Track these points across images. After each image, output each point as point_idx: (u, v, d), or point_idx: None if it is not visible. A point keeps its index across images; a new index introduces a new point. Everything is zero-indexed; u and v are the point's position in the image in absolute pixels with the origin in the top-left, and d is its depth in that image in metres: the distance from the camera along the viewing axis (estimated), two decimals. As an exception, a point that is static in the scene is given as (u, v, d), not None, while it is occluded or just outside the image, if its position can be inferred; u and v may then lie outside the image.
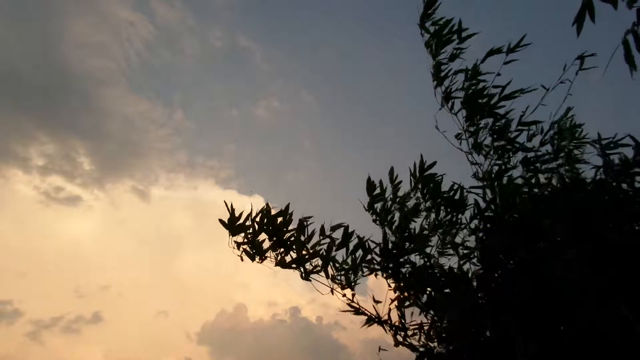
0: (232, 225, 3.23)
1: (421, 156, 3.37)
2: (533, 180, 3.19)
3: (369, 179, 3.49)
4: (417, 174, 3.30)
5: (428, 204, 3.31)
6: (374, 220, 3.43)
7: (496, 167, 3.36)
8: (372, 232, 3.47)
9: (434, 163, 3.31)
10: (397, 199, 3.36)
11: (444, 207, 3.24)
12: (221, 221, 3.24)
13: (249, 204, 3.28)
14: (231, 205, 3.31)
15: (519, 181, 3.26)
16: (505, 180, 3.28)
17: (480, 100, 3.33)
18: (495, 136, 3.41)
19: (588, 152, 3.54)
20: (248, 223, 3.31)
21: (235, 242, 3.33)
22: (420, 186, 3.31)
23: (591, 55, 3.22)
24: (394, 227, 3.31)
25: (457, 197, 3.20)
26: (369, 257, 3.38)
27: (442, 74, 3.47)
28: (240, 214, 3.30)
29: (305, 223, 3.44)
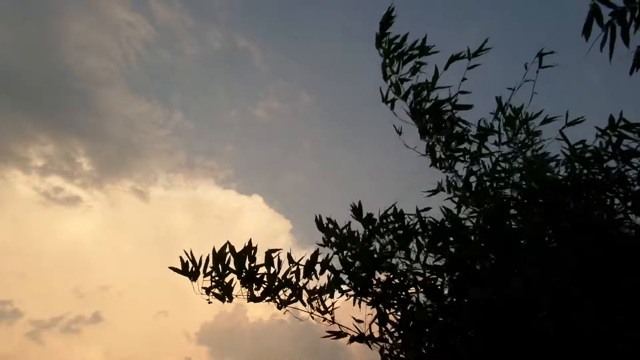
0: (190, 272, 3.16)
1: (359, 204, 3.41)
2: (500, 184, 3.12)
3: (316, 218, 3.44)
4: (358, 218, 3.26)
5: (390, 236, 3.25)
6: (335, 253, 3.37)
7: (457, 177, 3.29)
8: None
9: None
10: (351, 242, 3.31)
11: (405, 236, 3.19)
12: (175, 269, 3.17)
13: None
14: (191, 252, 3.23)
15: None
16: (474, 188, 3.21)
17: (441, 108, 3.23)
18: (454, 145, 3.31)
19: (548, 139, 3.45)
20: (211, 265, 3.25)
21: (203, 288, 3.26)
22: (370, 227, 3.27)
23: (550, 53, 3.16)
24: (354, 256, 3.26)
25: (412, 224, 3.14)
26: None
27: (404, 91, 3.39)
28: (200, 259, 3.23)
29: (272, 255, 3.38)
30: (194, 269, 3.17)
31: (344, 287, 3.29)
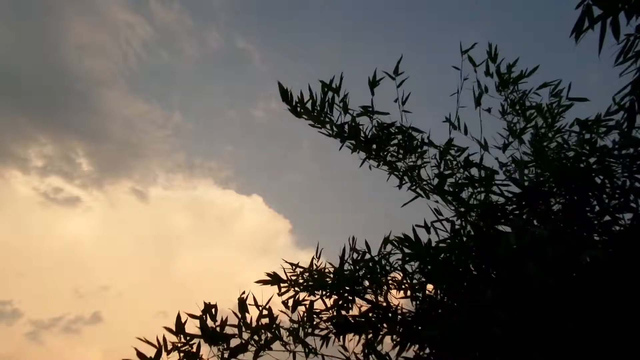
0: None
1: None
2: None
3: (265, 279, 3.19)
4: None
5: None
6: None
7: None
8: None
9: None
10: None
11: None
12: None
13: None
14: (146, 340, 2.89)
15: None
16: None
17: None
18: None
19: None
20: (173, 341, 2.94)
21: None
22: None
23: (472, 48, 3.21)
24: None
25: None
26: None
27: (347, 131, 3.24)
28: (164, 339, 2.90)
29: (244, 299, 3.12)
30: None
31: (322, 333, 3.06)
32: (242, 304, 3.15)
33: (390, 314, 3.00)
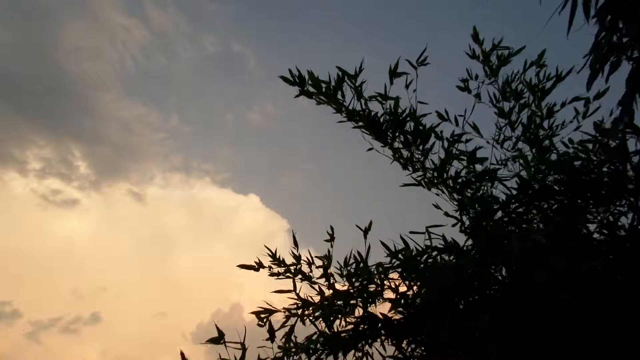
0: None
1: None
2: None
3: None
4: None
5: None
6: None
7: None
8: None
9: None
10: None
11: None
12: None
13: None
14: None
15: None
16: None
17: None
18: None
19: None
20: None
21: None
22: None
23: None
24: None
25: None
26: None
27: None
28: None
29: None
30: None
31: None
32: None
33: (381, 323, 2.85)
